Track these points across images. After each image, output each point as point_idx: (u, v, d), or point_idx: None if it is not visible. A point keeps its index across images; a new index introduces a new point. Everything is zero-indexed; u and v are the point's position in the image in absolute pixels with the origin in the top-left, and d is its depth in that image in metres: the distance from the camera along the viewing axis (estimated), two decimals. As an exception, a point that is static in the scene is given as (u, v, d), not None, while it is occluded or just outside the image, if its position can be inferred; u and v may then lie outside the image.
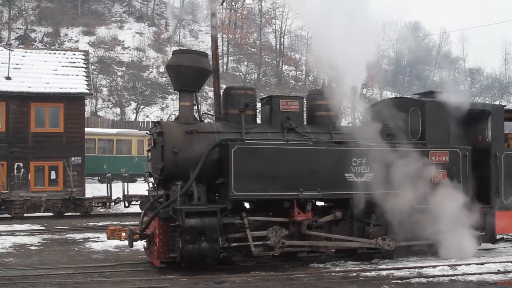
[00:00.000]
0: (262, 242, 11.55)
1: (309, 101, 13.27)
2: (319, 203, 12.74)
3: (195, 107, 12.42)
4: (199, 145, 11.61)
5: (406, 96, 13.45)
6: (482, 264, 12.12)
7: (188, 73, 11.92)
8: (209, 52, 17.42)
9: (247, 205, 12.23)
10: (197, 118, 12.51)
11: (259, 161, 11.32)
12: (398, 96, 14.14)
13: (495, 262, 12.31)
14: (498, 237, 14.20)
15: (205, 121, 13.12)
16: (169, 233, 11.31)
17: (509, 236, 16.05)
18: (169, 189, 11.67)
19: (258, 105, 13.24)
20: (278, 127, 12.34)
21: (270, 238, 11.54)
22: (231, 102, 12.44)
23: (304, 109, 13.15)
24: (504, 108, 14.36)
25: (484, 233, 13.48)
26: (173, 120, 13.40)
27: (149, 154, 12.87)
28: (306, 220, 11.81)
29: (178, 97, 12.75)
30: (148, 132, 12.75)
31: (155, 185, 12.53)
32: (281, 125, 12.33)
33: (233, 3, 69.62)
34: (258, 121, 13.19)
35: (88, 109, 45.49)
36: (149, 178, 13.39)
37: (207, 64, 12.48)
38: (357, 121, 14.35)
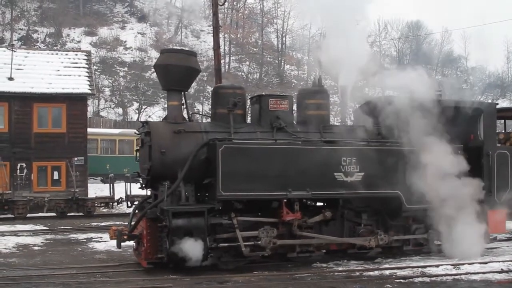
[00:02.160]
0: (253, 243, 11.49)
1: (299, 100, 13.22)
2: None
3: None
4: (187, 145, 11.55)
5: (397, 95, 13.39)
6: (486, 263, 12.06)
7: (176, 72, 11.86)
8: (211, 52, 17.40)
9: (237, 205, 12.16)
10: (186, 118, 12.46)
11: (247, 160, 11.27)
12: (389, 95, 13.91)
13: (499, 261, 12.25)
14: (491, 236, 14.10)
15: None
16: (157, 234, 11.27)
17: (511, 235, 16.02)
18: (157, 189, 11.62)
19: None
20: (267, 127, 12.24)
21: (262, 238, 11.50)
22: (219, 101, 12.37)
23: (294, 108, 13.10)
24: (497, 106, 14.31)
25: None
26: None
27: (137, 154, 12.84)
28: (296, 220, 11.78)
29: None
30: (136, 132, 12.72)
31: (143, 185, 12.47)
32: (270, 125, 12.23)
33: (234, 3, 69.58)
34: (250, 120, 13.15)
35: (90, 109, 45.55)
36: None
37: (196, 63, 12.38)
38: (348, 120, 14.31)
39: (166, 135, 11.61)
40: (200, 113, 35.93)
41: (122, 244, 12.07)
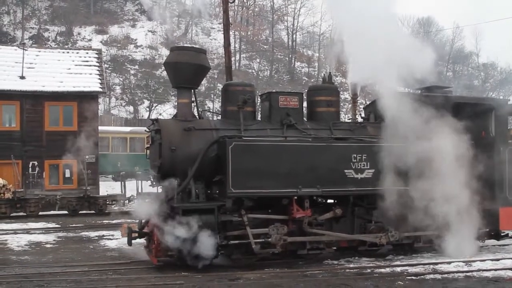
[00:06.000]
0: (263, 240, 11.48)
1: (309, 97, 13.20)
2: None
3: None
4: (197, 142, 11.55)
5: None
6: (498, 260, 12.04)
7: (186, 70, 11.87)
8: (221, 50, 17.40)
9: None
10: (196, 115, 12.47)
11: (257, 158, 11.27)
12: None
13: (511, 258, 12.22)
14: (502, 233, 14.03)
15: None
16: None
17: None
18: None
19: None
20: (278, 124, 12.25)
21: (272, 235, 11.48)
22: (229, 99, 12.38)
23: (304, 105, 13.08)
24: (508, 103, 14.20)
25: (488, 230, 13.32)
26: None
27: (148, 151, 12.85)
28: (306, 217, 11.77)
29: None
30: (147, 129, 12.74)
31: (153, 183, 12.50)
32: (280, 122, 12.24)
33: (244, 0, 69.56)
34: (260, 117, 13.12)
35: (101, 107, 45.71)
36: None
37: (205, 60, 12.39)
38: (358, 117, 14.26)
39: (176, 133, 11.62)
40: (210, 110, 36.00)
41: (133, 241, 12.12)
